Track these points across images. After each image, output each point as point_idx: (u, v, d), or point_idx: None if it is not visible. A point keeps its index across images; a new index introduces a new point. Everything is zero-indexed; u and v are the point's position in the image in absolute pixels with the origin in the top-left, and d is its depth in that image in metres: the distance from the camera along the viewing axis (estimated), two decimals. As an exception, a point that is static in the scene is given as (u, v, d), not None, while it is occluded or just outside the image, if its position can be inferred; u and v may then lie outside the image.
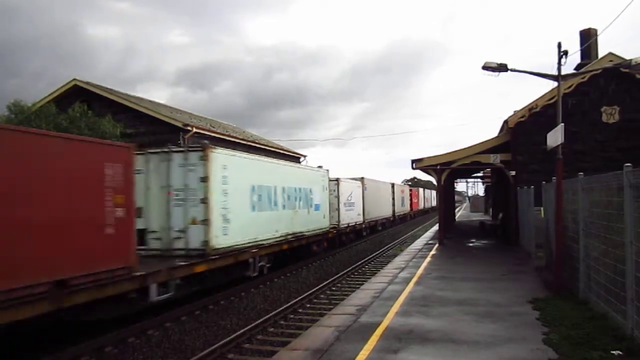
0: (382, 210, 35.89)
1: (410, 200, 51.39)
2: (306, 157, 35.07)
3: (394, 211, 40.15)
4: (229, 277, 13.34)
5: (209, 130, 23.09)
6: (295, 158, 33.97)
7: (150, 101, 26.50)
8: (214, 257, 12.12)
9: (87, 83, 22.42)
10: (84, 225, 8.12)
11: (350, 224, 26.85)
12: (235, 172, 13.34)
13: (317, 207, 20.90)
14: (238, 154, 14.74)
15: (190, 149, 12.66)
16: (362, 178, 30.77)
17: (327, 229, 22.04)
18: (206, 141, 13.83)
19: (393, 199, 39.83)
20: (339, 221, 24.70)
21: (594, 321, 7.36)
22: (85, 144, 8.86)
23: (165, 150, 12.52)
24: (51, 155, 7.63)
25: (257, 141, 28.95)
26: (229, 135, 24.86)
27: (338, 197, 25.05)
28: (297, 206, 18.44)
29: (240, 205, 13.72)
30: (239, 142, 25.62)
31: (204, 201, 12.02)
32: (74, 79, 22.22)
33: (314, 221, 20.14)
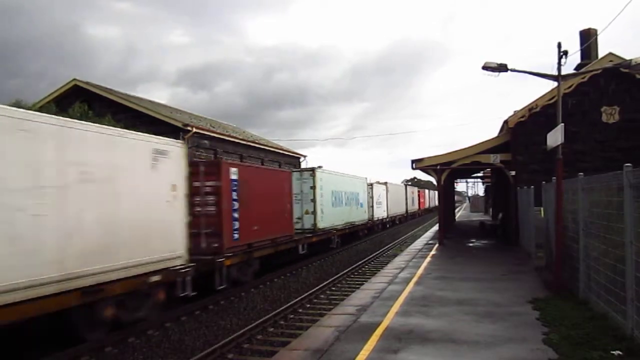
0: (399, 208, 44.16)
1: (418, 200, 59.78)
2: (306, 157, 35.09)
3: (407, 209, 48.26)
4: (323, 246, 22.34)
5: (209, 130, 23.09)
6: (295, 158, 33.99)
7: (150, 101, 26.50)
8: (318, 234, 21.47)
9: (87, 83, 22.44)
10: (280, 214, 17.41)
11: (379, 218, 35.32)
12: (325, 183, 22.64)
13: (361, 205, 29.63)
14: (327, 171, 23.84)
15: (305, 170, 22.66)
16: (386, 183, 38.55)
17: (367, 220, 31.03)
18: (206, 141, 13.89)
19: (406, 199, 47.93)
20: (372, 215, 32.94)
21: (594, 321, 7.36)
22: (279, 172, 20.11)
23: (292, 170, 22.04)
24: (270, 179, 17.40)
25: (256, 141, 28.94)
26: (228, 136, 24.87)
27: (372, 197, 32.99)
28: (352, 204, 27.25)
29: (327, 203, 22.86)
30: (238, 142, 25.63)
31: (313, 200, 21.38)
32: (74, 79, 22.24)
33: (360, 215, 29.04)
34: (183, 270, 10.39)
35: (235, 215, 13.76)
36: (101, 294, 8.36)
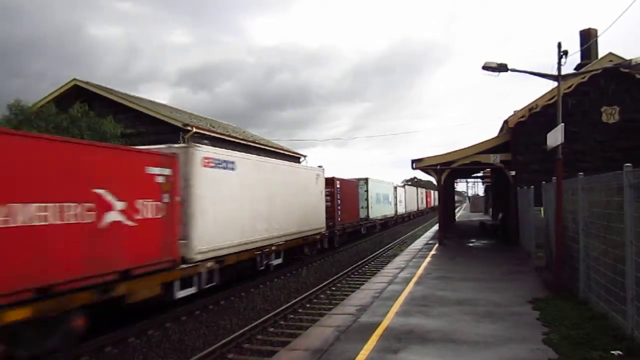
0: (413, 206, 55.33)
1: (426, 199, 71.34)
2: (306, 157, 35.09)
3: (418, 206, 59.19)
4: (371, 230, 32.73)
5: (209, 130, 23.09)
6: (295, 158, 33.97)
7: (150, 101, 26.51)
8: (370, 221, 32.03)
9: (87, 83, 22.43)
10: (354, 208, 28.86)
11: (400, 213, 45.64)
12: (372, 188, 32.89)
13: (390, 203, 40.10)
14: (374, 180, 33.72)
15: (360, 179, 31.59)
16: (404, 185, 52.20)
17: (394, 214, 41.85)
18: (206, 141, 13.98)
19: (417, 199, 59.11)
20: (396, 212, 43.01)
21: (594, 321, 7.36)
22: (353, 181, 29.93)
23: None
24: (349, 186, 27.90)
25: (256, 141, 28.94)
26: (228, 135, 24.87)
27: (396, 197, 42.90)
28: (385, 202, 38.13)
29: (373, 202, 33.09)
30: (238, 142, 25.62)
31: (366, 199, 31.52)
32: (74, 79, 22.23)
33: (390, 210, 40.15)
34: (325, 234, 22.10)
35: (338, 208, 25.00)
36: (307, 240, 19.36)
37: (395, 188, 42.77)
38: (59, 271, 7.49)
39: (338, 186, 24.82)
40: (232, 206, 13.26)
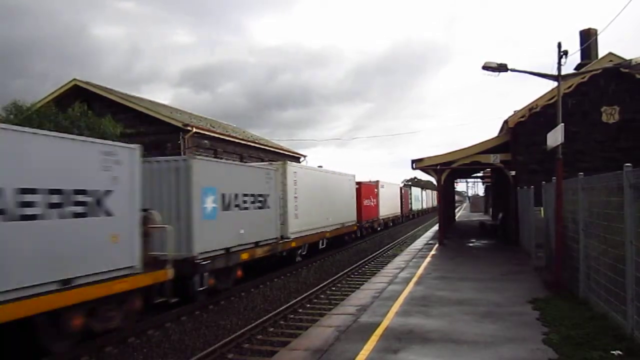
0: (428, 204, 69.95)
1: (437, 198, 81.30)
2: (306, 157, 35.14)
3: (432, 205, 71.03)
4: (412, 219, 52.49)
5: (209, 130, 23.10)
6: (295, 158, 34.00)
7: (150, 101, 26.51)
8: (414, 212, 55.49)
9: (87, 83, 22.44)
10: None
11: (419, 209, 61.14)
12: (413, 192, 56.24)
13: (419, 200, 59.99)
14: (415, 188, 61.69)
15: (408, 183, 73.78)
16: (423, 187, 71.13)
17: (419, 209, 59.37)
18: (206, 141, 14.13)
19: (431, 198, 71.91)
20: (420, 207, 61.40)
21: (594, 321, 7.36)
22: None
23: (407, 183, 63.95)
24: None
25: (256, 141, 28.96)
26: (228, 135, 24.88)
27: (418, 197, 59.94)
28: (416, 201, 56.40)
29: (414, 200, 55.53)
30: (238, 142, 25.64)
31: (411, 199, 53.22)
32: (74, 79, 22.26)
33: (418, 206, 58.46)
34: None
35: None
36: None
37: (420, 189, 66.03)
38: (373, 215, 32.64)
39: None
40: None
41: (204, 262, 11.70)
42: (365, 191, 30.85)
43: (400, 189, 45.58)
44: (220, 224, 12.65)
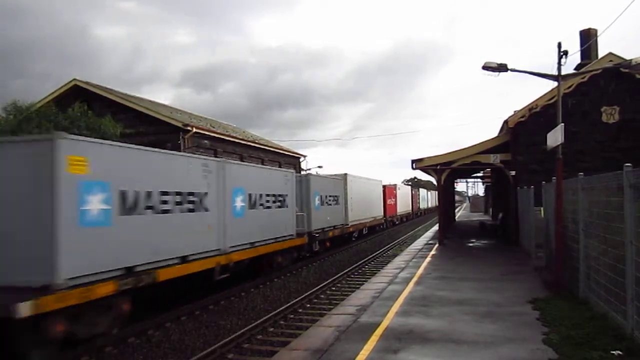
0: (432, 203, 71.35)
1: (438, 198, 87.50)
2: (306, 157, 35.14)
3: (435, 203, 73.62)
4: (420, 216, 60.31)
5: (209, 130, 23.09)
6: (295, 158, 34.02)
7: (150, 101, 26.51)
8: (422, 211, 62.74)
9: (87, 83, 22.43)
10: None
11: (425, 208, 66.56)
12: (421, 193, 63.43)
13: (424, 200, 66.32)
14: (422, 189, 67.77)
15: (408, 184, 70.76)
16: (427, 189, 74.64)
17: (425, 208, 66.60)
18: (206, 141, 14.02)
19: (435, 198, 76.40)
20: (426, 206, 66.53)
21: (594, 321, 7.36)
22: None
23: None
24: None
25: (256, 141, 28.96)
26: (228, 135, 24.88)
27: (423, 197, 64.21)
28: (422, 201, 63.01)
29: (422, 200, 62.96)
30: (238, 142, 25.64)
31: (419, 199, 61.04)
32: (74, 79, 22.24)
33: (425, 205, 65.95)
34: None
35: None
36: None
37: (426, 192, 69.99)
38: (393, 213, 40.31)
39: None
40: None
41: (316, 235, 20.56)
42: (388, 192, 38.34)
43: (412, 190, 56.00)
44: (320, 213, 21.29)
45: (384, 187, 36.64)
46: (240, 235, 13.32)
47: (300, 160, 34.86)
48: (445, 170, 20.91)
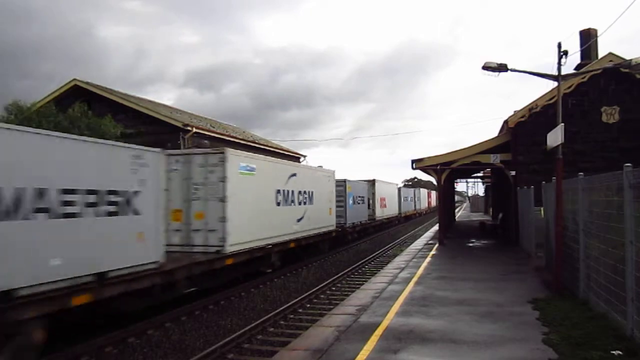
0: (435, 203, 73.33)
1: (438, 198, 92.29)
2: (306, 157, 35.15)
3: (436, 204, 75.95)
4: (433, 212, 61.15)
5: (209, 131, 23.09)
6: (295, 158, 34.00)
7: (150, 101, 26.51)
8: (434, 209, 61.64)
9: (87, 83, 22.42)
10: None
11: (427, 208, 66.78)
12: (433, 194, 69.45)
13: (437, 200, 51.57)
14: (433, 192, 69.02)
15: (408, 183, 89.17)
16: (430, 190, 73.98)
17: (435, 206, 60.82)
18: (206, 141, 14.00)
19: (436, 198, 78.81)
20: (427, 206, 67.39)
21: (594, 321, 7.36)
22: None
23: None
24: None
25: (256, 141, 28.95)
26: (228, 135, 24.88)
27: (435, 198, 64.45)
28: (435, 200, 57.39)
29: (434, 200, 66.52)
30: (238, 142, 25.63)
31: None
32: (74, 79, 22.23)
33: (436, 203, 49.09)
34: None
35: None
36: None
37: (428, 192, 71.12)
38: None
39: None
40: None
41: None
42: (405, 194, 48.78)
43: (428, 193, 67.18)
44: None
45: (399, 190, 46.26)
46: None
47: (301, 160, 34.83)
48: (446, 170, 20.90)
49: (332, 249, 22.77)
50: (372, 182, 33.51)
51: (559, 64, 10.38)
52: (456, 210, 59.42)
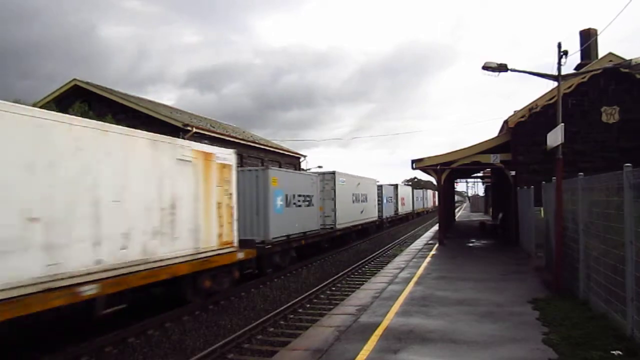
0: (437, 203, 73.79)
1: (438, 198, 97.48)
2: (306, 158, 35.15)
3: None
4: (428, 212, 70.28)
5: (208, 131, 23.10)
6: (295, 158, 34.03)
7: (150, 101, 26.52)
8: (426, 212, 68.59)
9: (87, 83, 22.44)
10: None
11: (432, 206, 69.61)
12: (419, 193, 67.30)
13: (427, 201, 70.17)
14: (429, 191, 74.90)
15: (408, 184, 77.04)
16: (435, 192, 70.60)
17: (431, 208, 70.14)
18: (206, 141, 14.02)
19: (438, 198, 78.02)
20: (433, 205, 70.86)
21: (594, 321, 7.36)
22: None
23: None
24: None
25: (256, 141, 28.95)
26: (228, 135, 24.88)
27: (429, 197, 70.88)
28: (425, 200, 67.68)
29: (431, 200, 72.79)
30: (238, 142, 25.64)
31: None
32: (74, 79, 22.25)
33: (428, 204, 69.78)
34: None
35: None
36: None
37: (434, 192, 75.37)
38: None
39: (427, 191, 69.29)
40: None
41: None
42: (417, 194, 57.75)
43: (434, 193, 68.74)
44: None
45: (413, 191, 56.36)
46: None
47: (300, 160, 34.86)
48: (445, 170, 20.90)
49: (375, 232, 33.26)
50: (395, 186, 43.46)
51: (559, 64, 10.38)
52: (456, 210, 59.43)
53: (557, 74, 10.60)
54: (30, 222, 7.15)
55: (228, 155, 12.81)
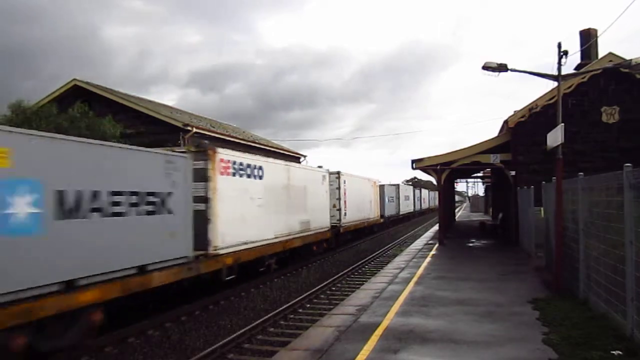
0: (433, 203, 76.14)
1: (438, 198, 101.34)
2: (306, 157, 35.17)
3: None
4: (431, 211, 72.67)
5: (209, 131, 23.10)
6: (295, 158, 34.00)
7: (150, 101, 26.52)
8: (427, 211, 70.30)
9: (87, 83, 22.42)
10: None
11: (435, 206, 61.37)
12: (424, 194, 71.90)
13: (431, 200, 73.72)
14: (431, 191, 74.86)
15: (409, 184, 69.72)
16: (437, 192, 74.13)
17: (434, 207, 66.08)
18: (206, 141, 14.01)
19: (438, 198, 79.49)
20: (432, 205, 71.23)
21: (594, 321, 7.36)
22: (422, 191, 67.48)
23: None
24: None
25: (256, 141, 28.96)
26: (228, 135, 24.88)
27: (432, 197, 71.93)
28: (428, 202, 71.85)
29: (433, 200, 69.58)
30: (238, 142, 25.64)
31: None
32: (74, 79, 22.23)
33: (432, 204, 71.43)
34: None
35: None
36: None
37: (436, 192, 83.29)
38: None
39: (430, 192, 71.03)
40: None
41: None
42: (417, 194, 58.41)
43: (439, 193, 75.96)
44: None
45: (420, 192, 60.17)
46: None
47: (301, 160, 34.84)
48: (445, 170, 20.90)
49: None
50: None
51: (559, 64, 10.38)
52: (456, 210, 59.47)
53: (557, 74, 10.61)
54: (314, 211, 19.23)
55: (375, 181, 30.64)
